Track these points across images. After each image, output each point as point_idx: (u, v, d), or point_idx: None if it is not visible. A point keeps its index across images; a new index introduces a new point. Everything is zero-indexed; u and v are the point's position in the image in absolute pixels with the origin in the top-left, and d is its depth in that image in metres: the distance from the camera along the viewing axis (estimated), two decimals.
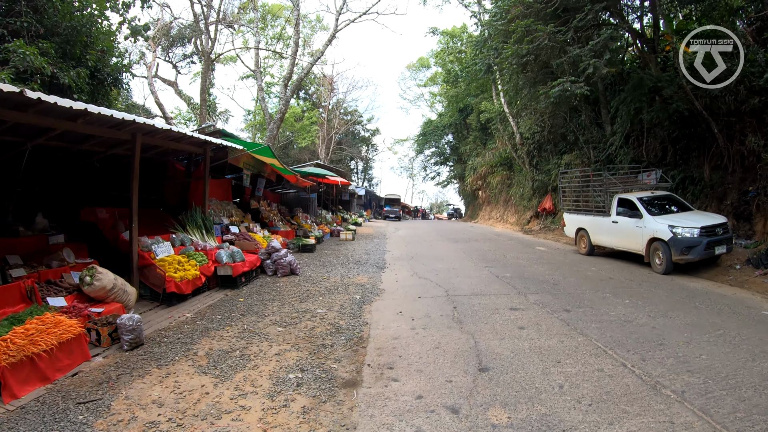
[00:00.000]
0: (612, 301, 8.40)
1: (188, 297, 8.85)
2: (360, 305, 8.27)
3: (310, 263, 13.25)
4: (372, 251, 16.39)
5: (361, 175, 75.35)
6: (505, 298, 8.61)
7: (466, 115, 44.46)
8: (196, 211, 11.03)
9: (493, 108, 32.48)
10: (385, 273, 11.77)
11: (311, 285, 10.07)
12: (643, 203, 12.67)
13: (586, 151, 22.53)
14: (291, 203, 24.41)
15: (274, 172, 15.97)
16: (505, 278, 10.75)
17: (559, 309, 7.82)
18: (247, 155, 13.11)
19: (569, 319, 7.17)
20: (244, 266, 10.07)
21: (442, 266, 12.69)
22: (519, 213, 31.96)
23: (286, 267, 11.01)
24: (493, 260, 13.91)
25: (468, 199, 53.48)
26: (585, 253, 15.18)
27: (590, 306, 8.03)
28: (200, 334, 6.78)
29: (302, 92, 54.67)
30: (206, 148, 11.24)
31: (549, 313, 7.57)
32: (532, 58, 14.63)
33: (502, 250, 16.76)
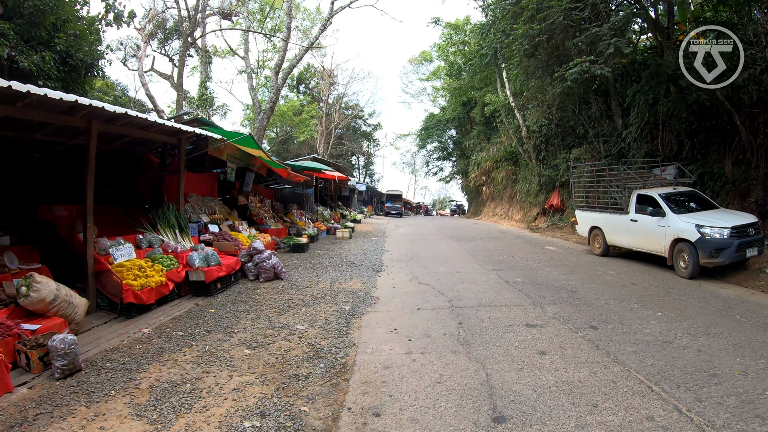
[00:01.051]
0: (642, 314, 7.18)
1: (152, 307, 7.66)
2: (348, 319, 7.05)
3: (300, 265, 12.04)
4: (369, 251, 15.17)
5: (362, 170, 74.29)
6: (518, 311, 7.38)
7: (469, 108, 43.34)
8: (168, 209, 9.83)
9: (498, 100, 31.19)
10: (381, 277, 10.55)
11: (296, 292, 8.85)
12: (666, 200, 11.50)
13: (596, 145, 21.49)
14: (287, 199, 23.28)
15: (264, 165, 14.77)
16: (516, 284, 9.53)
17: (583, 325, 6.59)
18: (232, 147, 11.92)
19: (598, 340, 5.94)
20: (219, 271, 8.87)
21: (445, 269, 11.46)
22: (525, 210, 30.78)
23: (270, 271, 9.80)
24: (501, 262, 12.68)
25: (471, 195, 52.30)
26: (599, 253, 14.01)
27: (619, 321, 6.80)
28: (152, 357, 5.58)
29: (302, 86, 53.61)
30: (181, 137, 10.06)
31: (573, 331, 6.34)
32: (545, 38, 13.34)
33: (510, 250, 15.53)
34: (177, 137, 10.04)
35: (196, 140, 11.40)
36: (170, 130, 9.18)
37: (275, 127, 48.00)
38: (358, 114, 61.26)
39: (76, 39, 13.26)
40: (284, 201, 23.00)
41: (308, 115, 44.69)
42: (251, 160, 13.70)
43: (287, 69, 22.65)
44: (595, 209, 14.69)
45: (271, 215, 16.71)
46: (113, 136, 9.23)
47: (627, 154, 18.33)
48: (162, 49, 37.35)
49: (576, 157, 22.90)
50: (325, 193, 32.45)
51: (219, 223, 11.47)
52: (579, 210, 15.63)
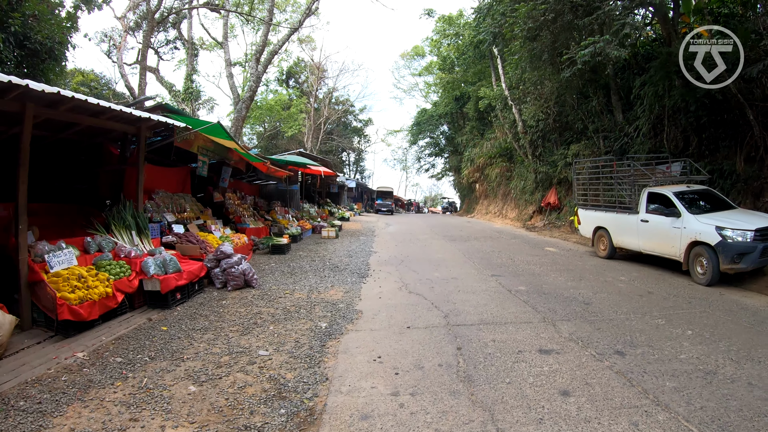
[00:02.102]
0: (670, 333, 6.09)
1: (95, 324, 6.47)
2: (323, 341, 5.86)
3: (277, 269, 10.84)
4: (355, 252, 13.99)
5: (352, 167, 73.29)
6: (527, 330, 6.24)
7: (462, 104, 42.42)
8: (125, 207, 8.62)
9: (493, 94, 30.10)
10: (366, 284, 9.37)
11: (266, 304, 7.63)
12: (681, 199, 10.47)
13: (595, 141, 20.55)
14: (271, 196, 22.11)
15: (242, 159, 13.56)
16: (520, 294, 8.40)
17: (607, 350, 5.46)
18: (203, 138, 10.71)
19: (629, 371, 4.82)
20: (179, 279, 7.67)
21: (439, 275, 10.30)
22: (520, 207, 29.81)
23: (239, 278, 8.59)
24: (500, 266, 11.56)
25: (464, 192, 51.38)
26: (605, 256, 13.02)
27: (647, 343, 5.69)
28: (76, 393, 4.43)
29: (292, 80, 52.38)
30: (140, 126, 8.85)
31: (596, 358, 5.21)
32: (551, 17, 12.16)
33: (508, 251, 14.42)
34: (136, 126, 8.85)
35: (163, 131, 10.23)
36: (127, 117, 7.95)
37: (263, 122, 46.73)
38: (348, 109, 60.08)
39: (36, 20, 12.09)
40: (269, 198, 21.82)
41: (297, 110, 43.43)
42: (227, 153, 12.49)
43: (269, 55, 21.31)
44: (601, 208, 13.69)
45: (251, 213, 15.50)
46: (63, 125, 8.09)
47: (629, 150, 17.40)
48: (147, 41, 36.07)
49: (575, 153, 21.91)
50: (313, 190, 31.28)
51: (186, 223, 10.26)
52: (582, 209, 14.57)
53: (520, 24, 13.60)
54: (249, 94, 20.13)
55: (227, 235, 11.51)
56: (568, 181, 23.21)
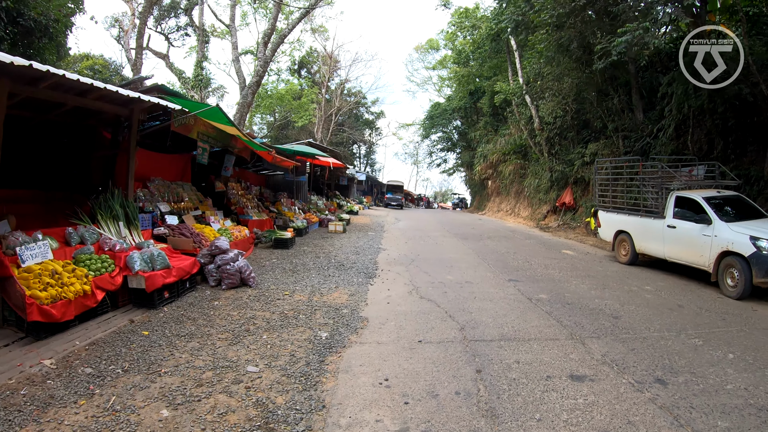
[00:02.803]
0: (711, 357, 5.35)
1: (71, 325, 5.81)
2: (323, 355, 5.13)
3: (278, 266, 10.13)
4: (363, 249, 13.25)
5: (363, 159, 72.59)
6: (555, 349, 5.47)
7: (477, 98, 41.56)
8: (113, 195, 7.94)
9: (509, 89, 29.14)
10: (374, 286, 8.63)
11: (262, 307, 6.91)
12: (712, 205, 9.67)
13: (614, 141, 19.76)
14: (278, 187, 21.40)
15: (247, 148, 12.84)
16: (541, 303, 7.63)
17: (647, 377, 4.71)
18: (203, 123, 10.01)
19: (674, 406, 4.09)
20: (167, 276, 6.97)
21: (452, 278, 9.53)
22: (533, 206, 28.97)
23: (235, 276, 7.86)
24: (517, 269, 10.78)
25: (475, 188, 50.48)
26: (626, 262, 12.19)
27: (689, 369, 4.94)
28: (32, 412, 3.80)
29: (304, 70, 51.67)
30: (133, 108, 8.16)
31: (636, 388, 4.45)
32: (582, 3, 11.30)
33: (524, 253, 13.63)
34: (128, 108, 8.17)
35: (161, 115, 9.54)
36: (116, 97, 7.25)
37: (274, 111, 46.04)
38: (360, 101, 59.24)
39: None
40: (275, 188, 21.13)
41: (307, 99, 42.70)
42: (230, 141, 11.78)
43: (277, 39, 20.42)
44: (623, 211, 12.87)
45: (255, 204, 14.80)
46: (48, 105, 7.44)
47: (650, 152, 16.71)
48: (158, 27, 35.67)
49: (593, 152, 21.20)
50: (322, 182, 30.60)
51: (182, 214, 9.56)
52: (603, 211, 13.75)
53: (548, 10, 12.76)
54: (256, 79, 19.31)
55: (227, 227, 10.81)
56: (585, 181, 22.51)
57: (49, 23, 11.73)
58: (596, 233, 18.13)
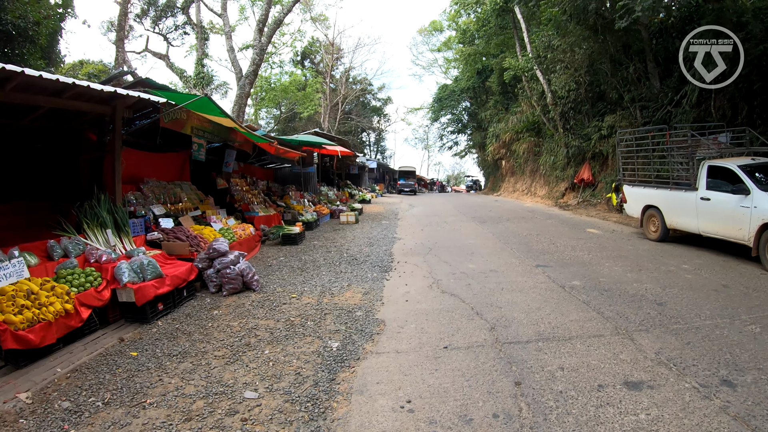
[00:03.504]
0: None
1: (54, 348, 5.17)
2: (333, 371, 4.41)
3: (286, 264, 9.42)
4: (377, 240, 12.51)
5: (373, 147, 71.72)
6: (601, 348, 4.71)
7: (485, 77, 40.48)
8: (100, 201, 7.28)
9: (519, 64, 28.08)
10: (390, 281, 7.89)
11: (266, 314, 6.19)
12: (749, 174, 8.83)
13: (632, 112, 18.87)
14: (287, 180, 20.72)
15: (248, 141, 12.11)
16: (576, 291, 6.86)
17: (711, 378, 4.01)
18: (198, 118, 9.29)
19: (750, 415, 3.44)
20: (160, 286, 6.29)
21: (475, 267, 8.76)
22: (550, 185, 28.02)
23: (236, 280, 7.16)
24: (543, 253, 10.00)
25: (489, 170, 49.50)
26: (656, 238, 11.41)
27: (754, 364, 4.27)
28: None
29: (307, 61, 50.86)
30: (115, 105, 7.47)
31: (702, 393, 3.72)
32: None
33: (547, 234, 12.81)
34: (111, 106, 7.48)
35: (151, 111, 8.86)
36: (96, 95, 6.63)
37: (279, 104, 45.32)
38: (366, 88, 58.27)
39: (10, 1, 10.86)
40: (284, 182, 20.45)
41: (312, 89, 41.90)
42: (229, 135, 11.05)
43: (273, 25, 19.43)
44: (651, 184, 12.04)
45: (261, 199, 14.10)
46: (23, 109, 6.84)
47: (671, 121, 15.82)
48: (155, 27, 35.03)
49: (610, 125, 20.29)
50: (332, 172, 29.88)
51: (178, 216, 8.87)
52: (628, 185, 12.90)
53: None
54: (253, 68, 18.41)
55: (230, 226, 10.14)
56: (603, 156, 21.66)
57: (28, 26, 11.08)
58: (619, 209, 17.31)
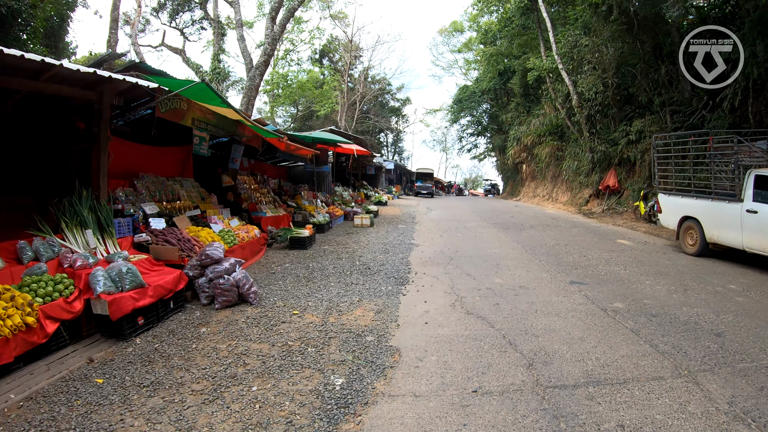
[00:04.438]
0: None
1: (13, 368, 4.38)
2: (334, 421, 3.45)
3: (291, 272, 8.53)
4: (393, 246, 11.58)
5: (391, 147, 71.13)
6: (664, 397, 3.76)
7: (506, 79, 39.57)
8: (81, 198, 6.47)
9: (543, 65, 27.06)
10: (406, 296, 6.94)
11: (260, 335, 5.26)
12: None
13: (661, 116, 18.06)
14: (300, 179, 19.92)
15: (257, 136, 11.28)
16: (621, 316, 5.89)
17: None
18: (200, 108, 8.50)
19: None
20: (140, 297, 5.42)
21: (502, 281, 7.80)
22: (573, 190, 27.00)
23: (230, 292, 6.26)
24: (575, 267, 9.02)
25: (508, 173, 48.39)
26: (694, 252, 10.44)
27: None
28: None
29: (326, 59, 50.18)
30: (102, 90, 6.67)
31: None
32: None
33: (576, 245, 11.81)
34: (96, 90, 6.68)
35: (150, 100, 8.04)
36: (80, 78, 5.84)
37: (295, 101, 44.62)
38: (385, 88, 57.49)
39: None
40: (297, 181, 19.65)
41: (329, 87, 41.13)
42: (236, 128, 10.23)
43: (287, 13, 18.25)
44: (690, 194, 11.04)
45: (270, 199, 13.25)
46: None
47: (704, 126, 15.06)
48: (172, 22, 34.58)
49: (639, 129, 19.41)
50: (348, 172, 29.06)
51: (173, 215, 8.01)
52: (664, 194, 11.91)
53: None
54: (263, 58, 17.41)
55: (232, 228, 9.29)
56: (630, 162, 20.72)
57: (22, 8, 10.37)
58: (648, 219, 16.31)
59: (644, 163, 19.23)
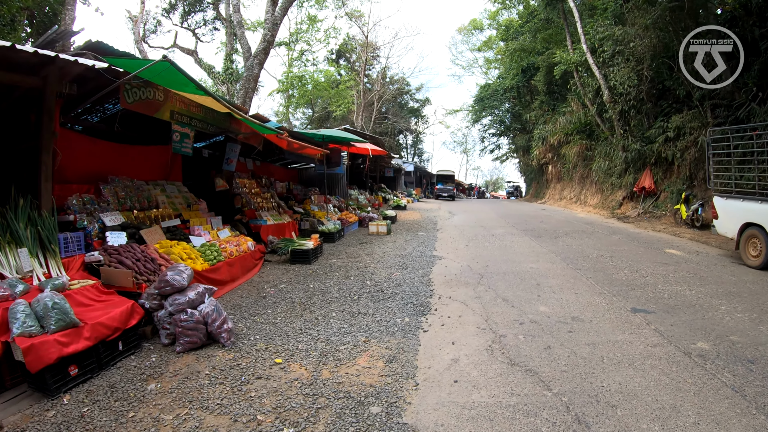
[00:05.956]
0: None
1: None
2: None
3: (285, 295, 7.04)
4: (411, 259, 10.07)
5: (410, 149, 69.74)
6: None
7: (529, 76, 37.76)
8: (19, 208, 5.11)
9: (571, 58, 25.34)
10: (427, 333, 5.39)
11: (224, 400, 3.77)
12: None
13: (700, 111, 16.55)
14: (313, 182, 18.56)
15: (256, 133, 9.86)
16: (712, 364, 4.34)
17: None
18: (180, 99, 7.12)
19: None
20: (71, 341, 4.00)
21: (548, 309, 6.22)
22: (603, 192, 25.22)
23: (195, 331, 4.73)
24: (629, 285, 7.43)
25: (531, 175, 46.52)
26: (758, 265, 8.85)
27: None
28: None
29: (342, 59, 48.99)
30: (47, 76, 5.32)
31: None
32: None
33: (622, 256, 10.19)
34: (40, 76, 5.34)
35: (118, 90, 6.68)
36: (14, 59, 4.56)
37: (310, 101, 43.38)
38: (403, 88, 56.12)
39: None
40: (309, 184, 18.27)
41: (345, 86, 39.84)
42: (229, 124, 8.82)
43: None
44: (753, 197, 9.49)
45: (273, 204, 11.83)
46: None
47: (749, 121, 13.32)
48: (184, 22, 33.70)
49: (677, 125, 17.76)
50: (365, 174, 27.65)
51: (140, 227, 6.59)
52: (721, 197, 10.31)
53: None
54: (263, 45, 15.74)
55: (220, 239, 7.89)
56: (667, 161, 18.91)
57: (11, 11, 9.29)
58: (692, 223, 14.67)
59: (684, 162, 17.59)
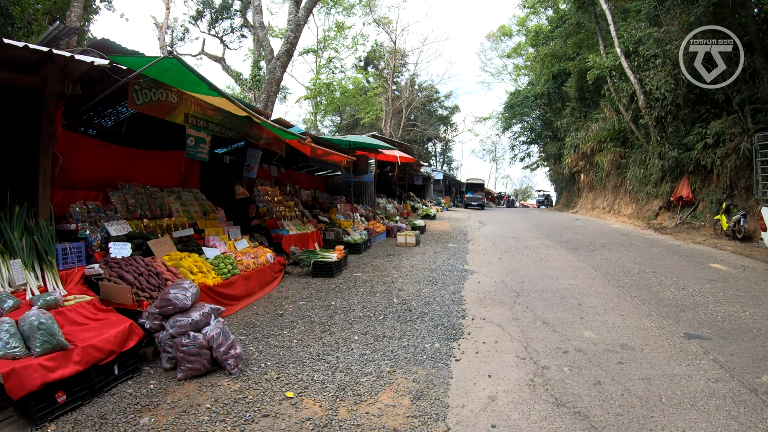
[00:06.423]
0: None
1: None
2: None
3: (304, 314, 6.51)
4: (442, 273, 9.46)
5: (439, 157, 69.18)
6: None
7: (560, 82, 36.82)
8: (14, 215, 4.71)
9: (604, 62, 24.47)
10: (460, 363, 4.77)
11: None
12: None
13: (740, 116, 15.67)
14: (340, 190, 18.12)
15: (278, 139, 9.39)
16: None
17: None
18: (196, 102, 6.70)
19: None
20: (58, 366, 3.53)
21: (593, 335, 5.53)
22: (638, 202, 24.22)
23: (199, 357, 4.22)
24: (678, 306, 6.71)
25: (562, 184, 45.47)
26: None
27: None
28: None
29: (371, 67, 48.75)
30: (47, 75, 4.93)
31: None
32: None
33: (665, 271, 9.43)
34: (39, 75, 4.96)
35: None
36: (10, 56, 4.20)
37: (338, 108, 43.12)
38: (432, 95, 55.62)
39: None
40: (336, 192, 17.84)
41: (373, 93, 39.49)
42: (249, 129, 8.37)
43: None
44: None
45: (297, 213, 11.38)
46: None
47: None
48: (211, 30, 33.97)
49: (716, 131, 16.96)
50: (393, 182, 27.12)
51: (148, 237, 6.14)
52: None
53: None
54: (286, 47, 15.24)
55: (237, 250, 7.43)
56: (706, 169, 18.06)
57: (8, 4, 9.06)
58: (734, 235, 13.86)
59: (724, 171, 16.66)
